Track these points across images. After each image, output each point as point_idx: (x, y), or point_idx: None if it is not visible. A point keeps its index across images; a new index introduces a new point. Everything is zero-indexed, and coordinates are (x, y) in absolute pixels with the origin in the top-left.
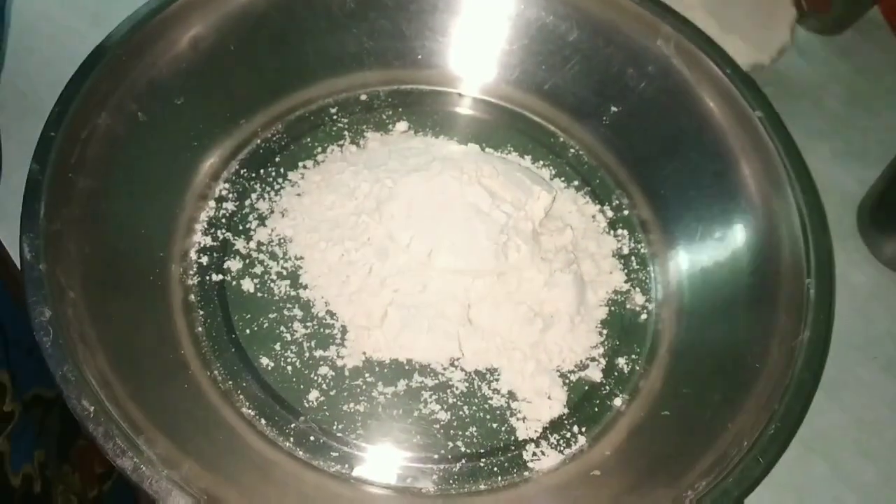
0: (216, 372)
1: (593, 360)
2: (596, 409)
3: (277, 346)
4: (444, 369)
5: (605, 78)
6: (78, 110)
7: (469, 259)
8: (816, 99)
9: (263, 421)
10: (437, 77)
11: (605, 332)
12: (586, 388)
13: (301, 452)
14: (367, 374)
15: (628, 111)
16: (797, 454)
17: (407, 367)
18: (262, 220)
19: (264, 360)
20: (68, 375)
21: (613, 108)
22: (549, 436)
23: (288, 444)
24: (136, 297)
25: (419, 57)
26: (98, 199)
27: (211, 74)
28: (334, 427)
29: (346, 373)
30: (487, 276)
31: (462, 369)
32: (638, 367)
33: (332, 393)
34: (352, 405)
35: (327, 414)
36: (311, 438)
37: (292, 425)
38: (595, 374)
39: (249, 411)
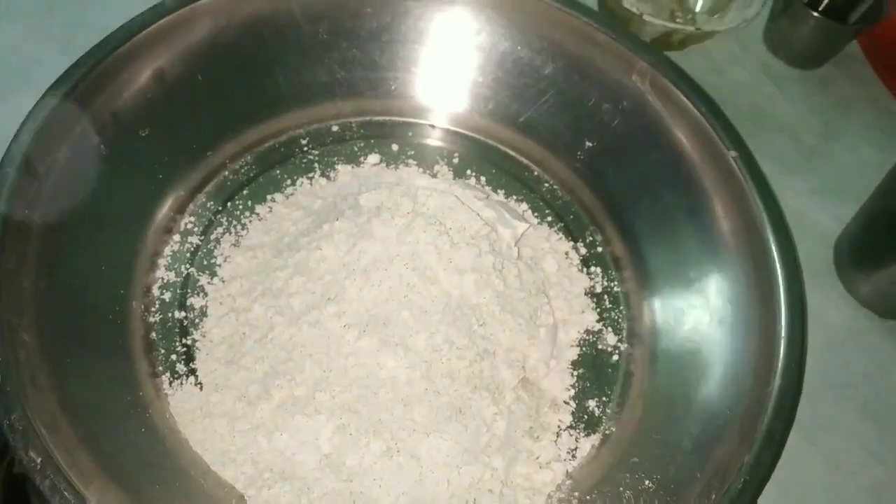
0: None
1: (565, 402)
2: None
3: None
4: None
5: (580, 113)
6: (36, 145)
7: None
8: (794, 133)
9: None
10: (410, 108)
11: (576, 373)
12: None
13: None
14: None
15: (603, 146)
16: (770, 499)
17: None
18: (227, 255)
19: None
20: (16, 425)
21: (588, 143)
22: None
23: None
24: (94, 337)
25: (392, 87)
26: (56, 235)
27: (177, 105)
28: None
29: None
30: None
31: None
32: (609, 411)
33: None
34: None
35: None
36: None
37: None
38: (566, 416)
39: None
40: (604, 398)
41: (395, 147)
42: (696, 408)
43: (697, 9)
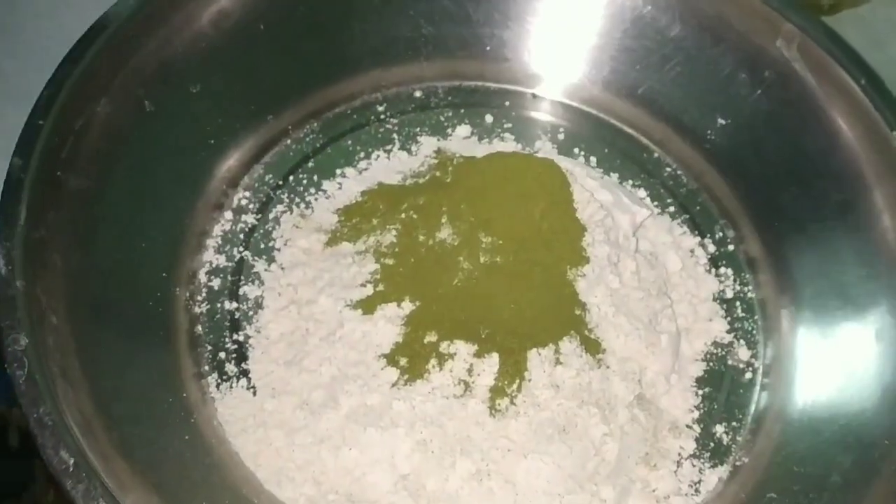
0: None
1: (687, 426)
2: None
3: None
4: None
5: (711, 84)
6: (73, 95)
7: None
8: None
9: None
10: (509, 73)
11: (701, 392)
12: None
13: None
14: None
15: (738, 125)
16: None
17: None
18: (287, 238)
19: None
20: (45, 419)
21: (720, 121)
22: None
23: None
24: (132, 326)
25: (487, 48)
26: (92, 204)
27: (235, 58)
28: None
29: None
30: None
31: None
32: (740, 438)
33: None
34: None
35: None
36: None
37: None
38: (688, 443)
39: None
40: (734, 423)
41: (488, 118)
42: (848, 437)
43: None
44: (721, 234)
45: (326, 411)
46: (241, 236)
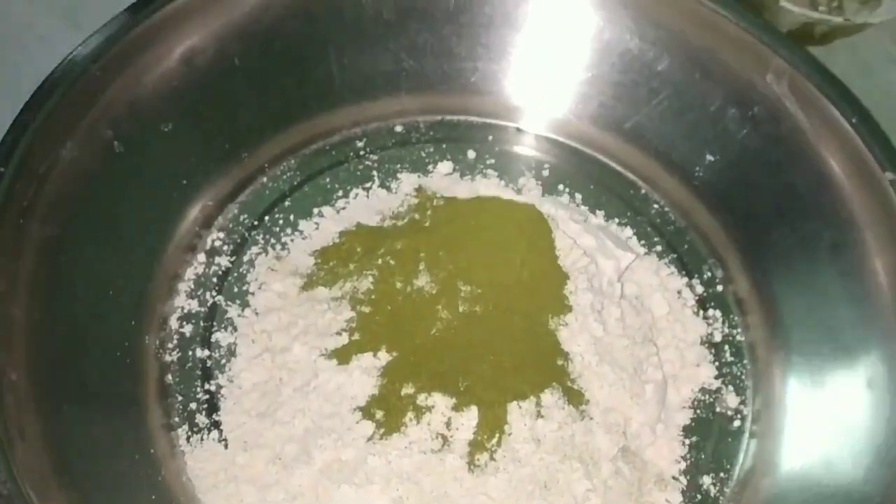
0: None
1: (674, 478)
2: None
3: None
4: None
5: (700, 119)
6: (35, 139)
7: None
8: None
9: None
10: (492, 107)
11: (688, 441)
12: None
13: None
14: None
15: (727, 161)
16: None
17: None
18: (262, 281)
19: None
20: (0, 489)
21: (709, 157)
22: None
23: None
24: (98, 379)
25: (470, 80)
26: (56, 252)
27: (208, 95)
28: None
29: None
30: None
31: None
32: (727, 490)
33: None
34: None
35: None
36: None
37: None
38: (675, 496)
39: None
40: (722, 474)
41: (471, 154)
42: (839, 491)
43: None
44: (710, 273)
45: (299, 466)
46: (215, 280)
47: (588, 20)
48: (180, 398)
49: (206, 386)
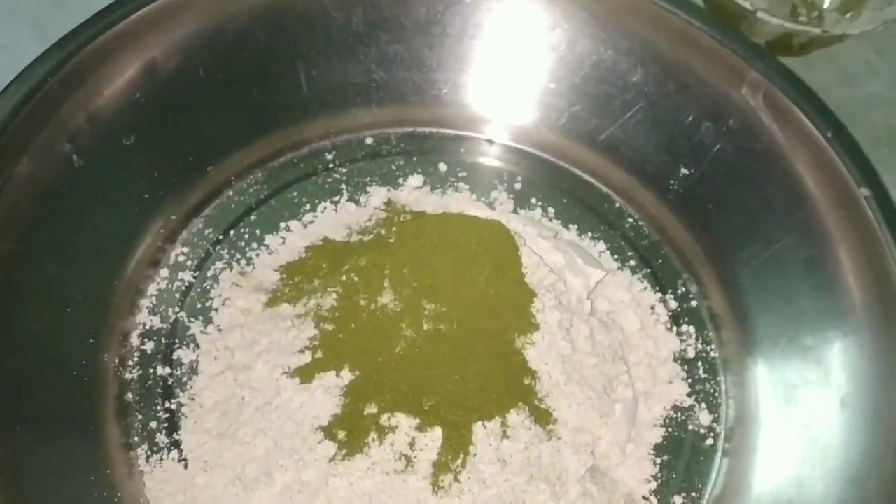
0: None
1: (644, 498)
2: None
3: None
4: None
5: (674, 132)
6: None
7: None
8: None
9: None
10: (463, 119)
11: (659, 460)
12: None
13: None
14: None
15: (702, 175)
16: None
17: None
18: (226, 297)
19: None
20: None
21: (684, 171)
22: None
23: None
24: (53, 400)
25: (442, 92)
26: (11, 270)
27: (172, 108)
28: None
29: None
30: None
31: None
32: None
33: None
34: None
35: None
36: None
37: None
38: None
39: None
40: (693, 494)
41: (442, 167)
42: None
43: (826, 5)
44: (684, 289)
45: (259, 488)
46: (178, 295)
47: (560, 31)
48: (140, 417)
49: (167, 404)
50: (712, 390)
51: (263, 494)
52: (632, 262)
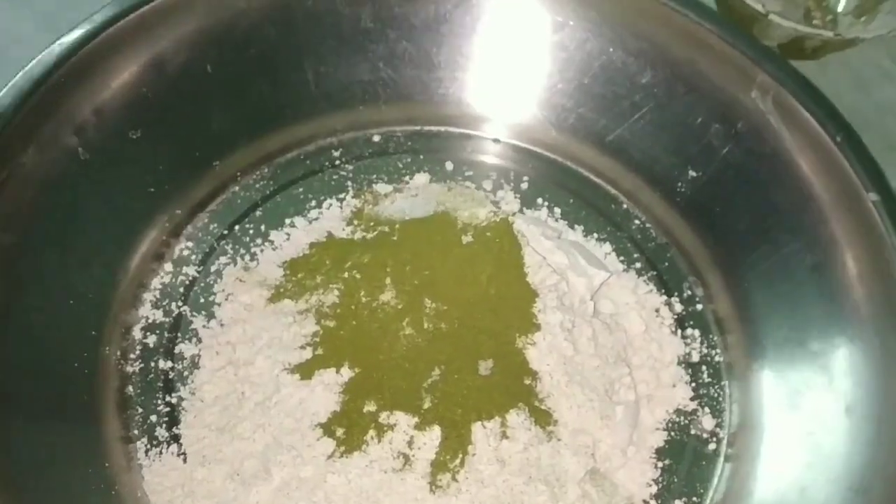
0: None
1: (644, 502)
2: None
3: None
4: None
5: (683, 134)
6: None
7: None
8: None
9: None
10: (470, 118)
11: (660, 464)
12: None
13: None
14: None
15: (710, 178)
16: None
17: None
18: (229, 292)
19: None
20: None
21: (692, 173)
22: None
23: None
24: (53, 392)
25: (449, 91)
26: (15, 261)
27: (179, 103)
28: None
29: None
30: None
31: None
32: None
33: None
34: None
35: None
36: None
37: None
38: None
39: None
40: (694, 499)
41: (448, 165)
42: None
43: (840, 9)
44: (689, 292)
45: (257, 483)
46: (181, 290)
47: (569, 31)
48: (140, 410)
49: (168, 398)
50: (716, 394)
51: (261, 490)
52: (637, 264)
